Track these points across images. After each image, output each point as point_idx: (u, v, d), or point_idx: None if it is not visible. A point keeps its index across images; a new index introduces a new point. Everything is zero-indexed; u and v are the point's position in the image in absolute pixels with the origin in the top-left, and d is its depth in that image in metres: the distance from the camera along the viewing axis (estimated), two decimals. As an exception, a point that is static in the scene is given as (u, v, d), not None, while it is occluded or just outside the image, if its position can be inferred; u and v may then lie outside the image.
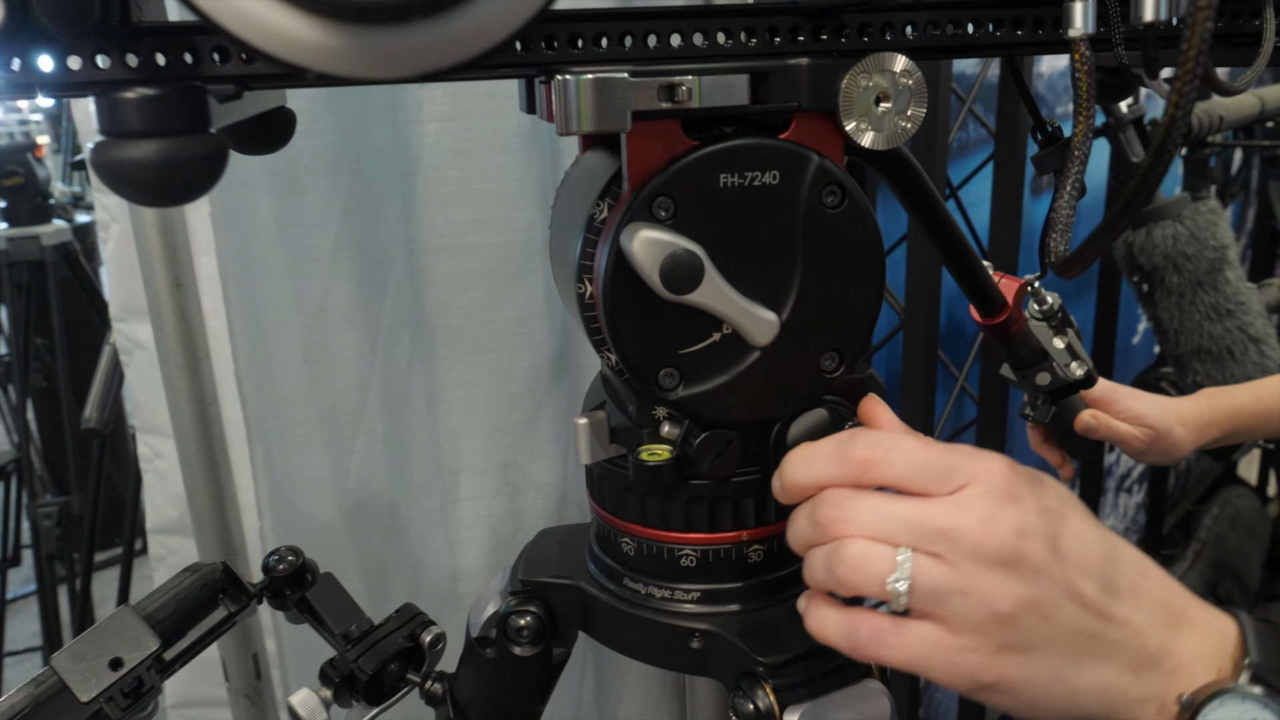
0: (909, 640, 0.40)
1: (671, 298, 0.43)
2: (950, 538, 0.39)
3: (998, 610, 0.39)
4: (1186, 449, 0.96)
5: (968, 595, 0.39)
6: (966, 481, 0.40)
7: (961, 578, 0.39)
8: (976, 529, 0.39)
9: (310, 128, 1.04)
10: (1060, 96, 1.97)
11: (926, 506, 0.40)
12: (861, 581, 0.40)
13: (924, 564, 0.39)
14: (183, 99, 0.34)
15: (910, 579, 0.39)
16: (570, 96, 0.40)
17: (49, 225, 2.20)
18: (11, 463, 2.43)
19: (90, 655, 0.57)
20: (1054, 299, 0.83)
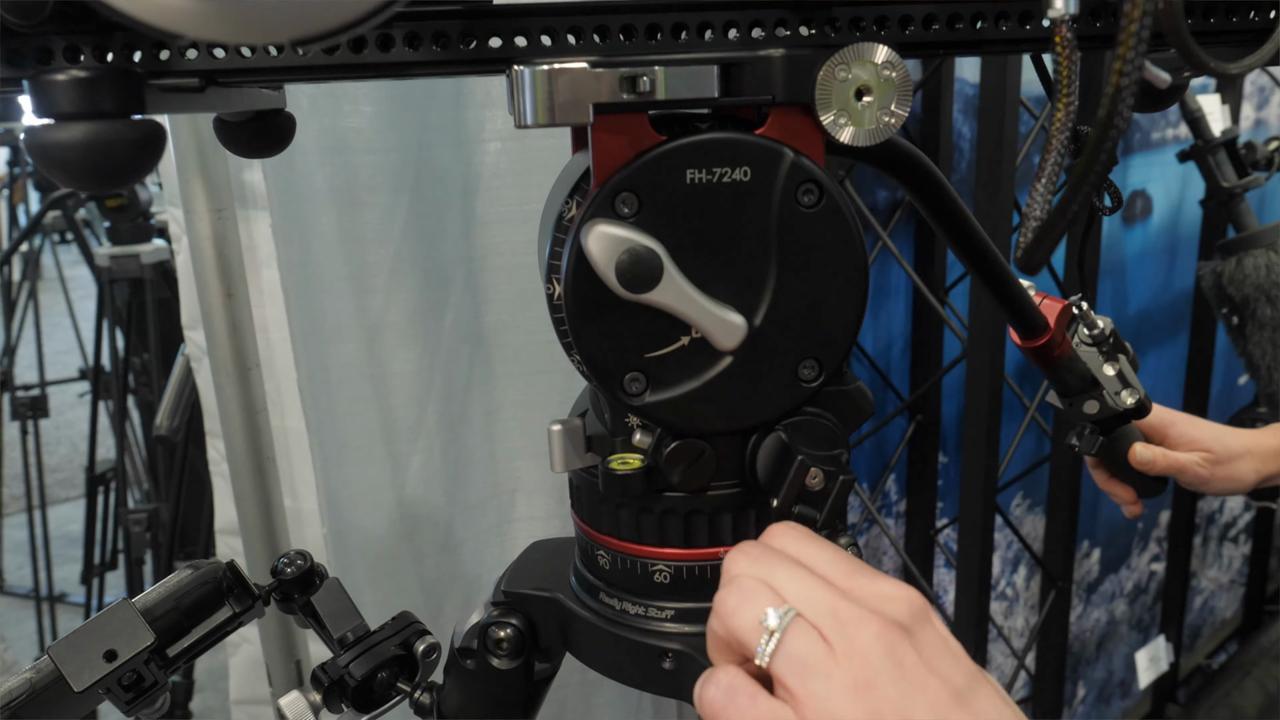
0: (760, 711, 0.36)
1: (630, 297, 0.41)
2: (839, 619, 0.36)
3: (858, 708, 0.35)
4: (1251, 478, 0.90)
5: (831, 681, 0.35)
6: (865, 586, 0.38)
7: (832, 662, 0.36)
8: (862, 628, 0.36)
9: (371, 145, 1.06)
10: (1156, 121, 1.88)
11: (828, 586, 0.38)
12: (736, 607, 0.38)
13: (804, 627, 0.37)
14: (115, 82, 0.34)
15: (785, 626, 0.36)
16: (526, 88, 0.40)
17: (149, 245, 2.30)
18: (111, 470, 2.54)
19: (86, 646, 0.58)
20: (1105, 323, 0.78)
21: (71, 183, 0.33)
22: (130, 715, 0.62)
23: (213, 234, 1.00)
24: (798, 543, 0.40)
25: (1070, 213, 0.30)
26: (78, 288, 3.23)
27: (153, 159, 0.35)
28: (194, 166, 0.99)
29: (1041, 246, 0.32)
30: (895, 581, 0.39)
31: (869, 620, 0.36)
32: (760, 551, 0.40)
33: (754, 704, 0.36)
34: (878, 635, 0.36)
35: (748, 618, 0.37)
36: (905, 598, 0.38)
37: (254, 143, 0.54)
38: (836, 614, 0.37)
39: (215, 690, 2.12)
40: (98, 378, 2.56)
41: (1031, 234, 0.33)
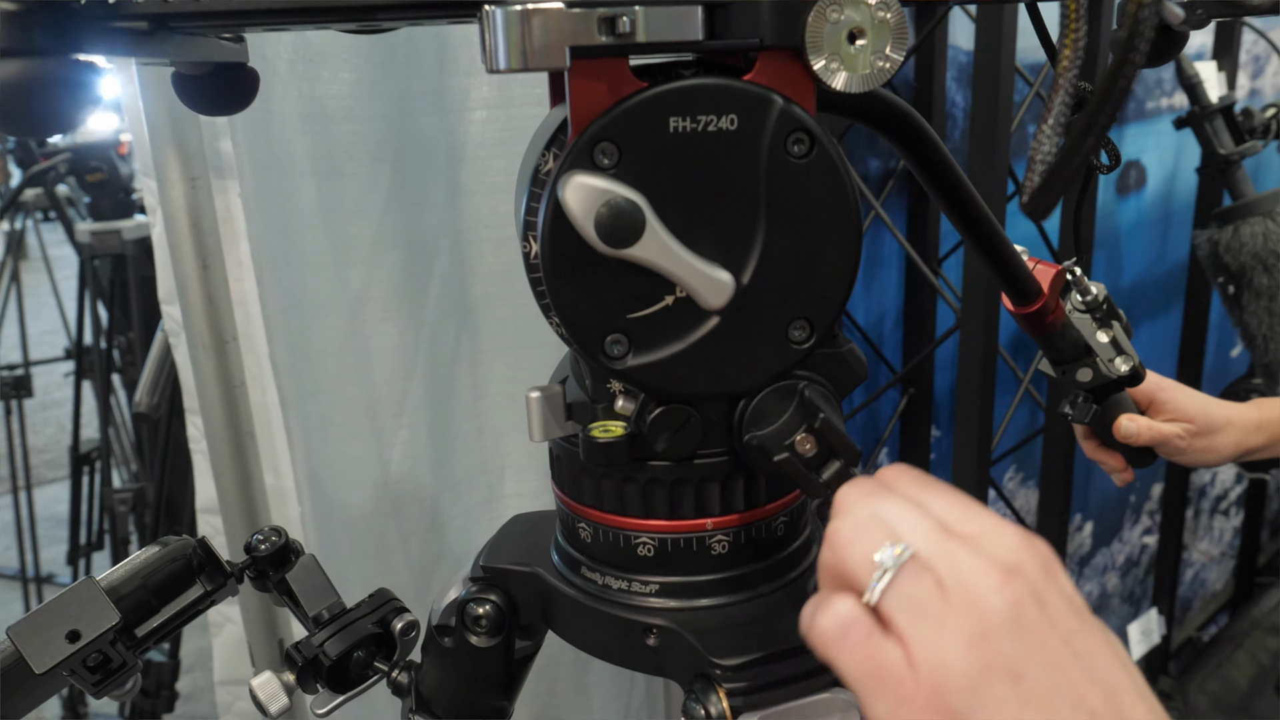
0: (873, 649, 0.34)
1: (610, 253, 0.39)
2: (957, 565, 0.34)
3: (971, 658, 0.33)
4: (1229, 451, 0.89)
5: (943, 630, 0.33)
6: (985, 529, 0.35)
7: (944, 609, 0.33)
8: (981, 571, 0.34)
9: (352, 113, 1.03)
10: (1151, 90, 1.86)
11: (943, 526, 0.36)
12: (849, 539, 0.36)
13: (921, 567, 0.34)
14: (49, 18, 0.32)
15: (900, 564, 0.34)
16: (498, 30, 0.37)
17: (130, 220, 2.26)
18: (97, 449, 2.51)
19: (48, 627, 0.56)
20: (1099, 289, 0.76)
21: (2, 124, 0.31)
22: (98, 697, 0.60)
23: (187, 204, 0.97)
24: (915, 483, 0.38)
25: (1086, 148, 0.27)
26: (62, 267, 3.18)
27: (86, 102, 0.32)
28: (167, 134, 0.96)
29: (1052, 189, 0.29)
30: (1019, 530, 0.36)
31: (990, 570, 0.34)
32: (876, 486, 0.38)
33: (868, 641, 0.34)
34: (998, 586, 0.33)
35: (862, 551, 0.35)
36: (1031, 548, 0.35)
37: (214, 99, 0.51)
38: (955, 559, 0.34)
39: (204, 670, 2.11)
40: (80, 356, 2.52)
41: (1039, 177, 0.30)
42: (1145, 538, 2.32)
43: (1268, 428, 0.91)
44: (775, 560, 0.48)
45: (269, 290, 1.00)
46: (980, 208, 0.60)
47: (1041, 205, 0.31)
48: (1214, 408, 0.90)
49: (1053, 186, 0.30)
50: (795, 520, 0.49)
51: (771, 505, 0.48)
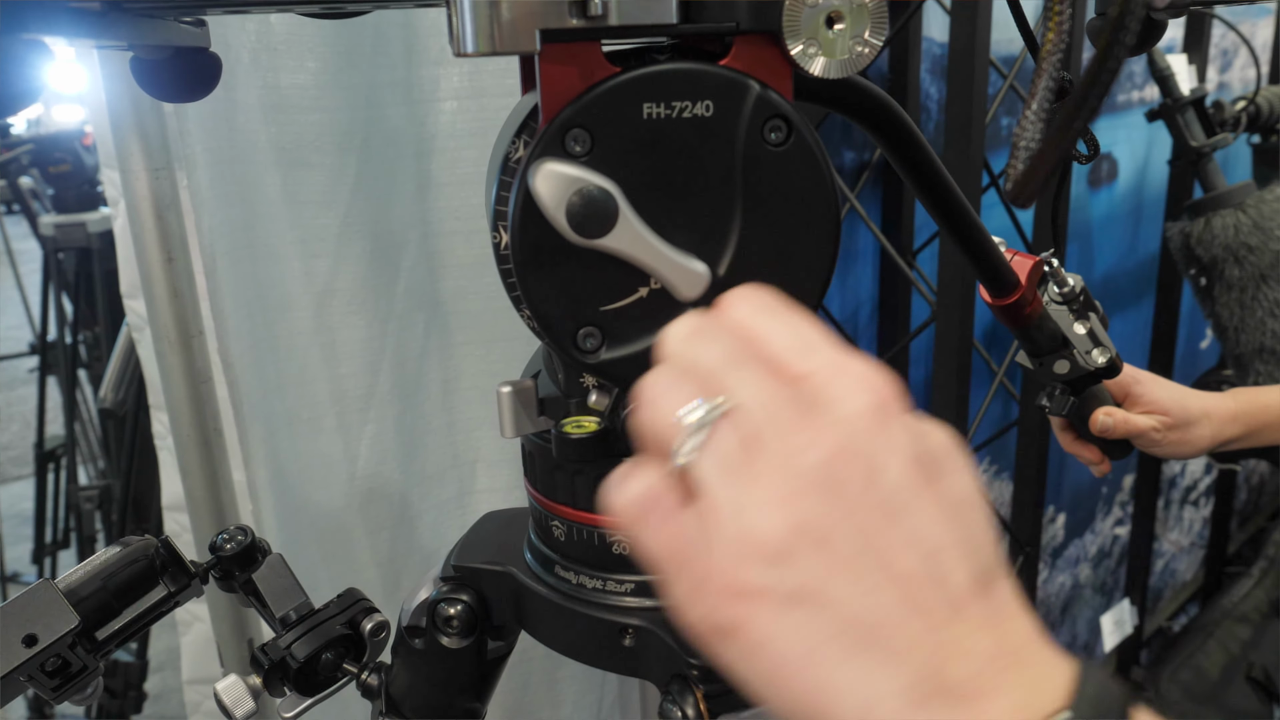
0: (675, 528, 0.30)
1: (582, 243, 0.37)
2: (776, 417, 0.29)
3: (777, 520, 0.28)
4: (1205, 443, 0.89)
5: (752, 489, 0.29)
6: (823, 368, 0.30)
7: (757, 464, 0.29)
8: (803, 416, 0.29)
9: (317, 103, 1.01)
10: (1122, 83, 1.87)
11: (772, 368, 0.31)
12: (655, 399, 0.31)
13: (733, 424, 0.30)
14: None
15: (707, 425, 0.30)
16: (466, 11, 0.36)
17: (96, 212, 2.22)
18: (61, 446, 2.47)
19: (3, 631, 0.54)
20: (1076, 280, 0.76)
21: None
22: (58, 703, 0.58)
23: (151, 196, 0.95)
24: (755, 314, 0.33)
25: (1073, 132, 0.26)
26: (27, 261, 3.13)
27: (33, 82, 0.30)
28: (130, 123, 0.94)
29: (1037, 175, 0.29)
30: (863, 369, 0.31)
31: (809, 420, 0.29)
32: (702, 325, 0.33)
33: (671, 517, 0.30)
34: (813, 440, 0.29)
35: (667, 409, 0.31)
36: (868, 389, 0.30)
37: (174, 85, 0.49)
38: (774, 409, 0.30)
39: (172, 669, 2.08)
40: (45, 351, 2.48)
41: (1022, 164, 0.29)
42: (1117, 528, 2.34)
43: (1244, 418, 0.91)
44: (752, 557, 0.47)
45: (221, 283, 0.98)
46: (958, 199, 0.59)
47: (1025, 192, 0.30)
48: (1190, 400, 0.90)
49: (1037, 173, 0.29)
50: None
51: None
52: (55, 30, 0.35)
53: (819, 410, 0.30)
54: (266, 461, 1.06)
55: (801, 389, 0.30)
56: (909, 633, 0.28)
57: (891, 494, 0.29)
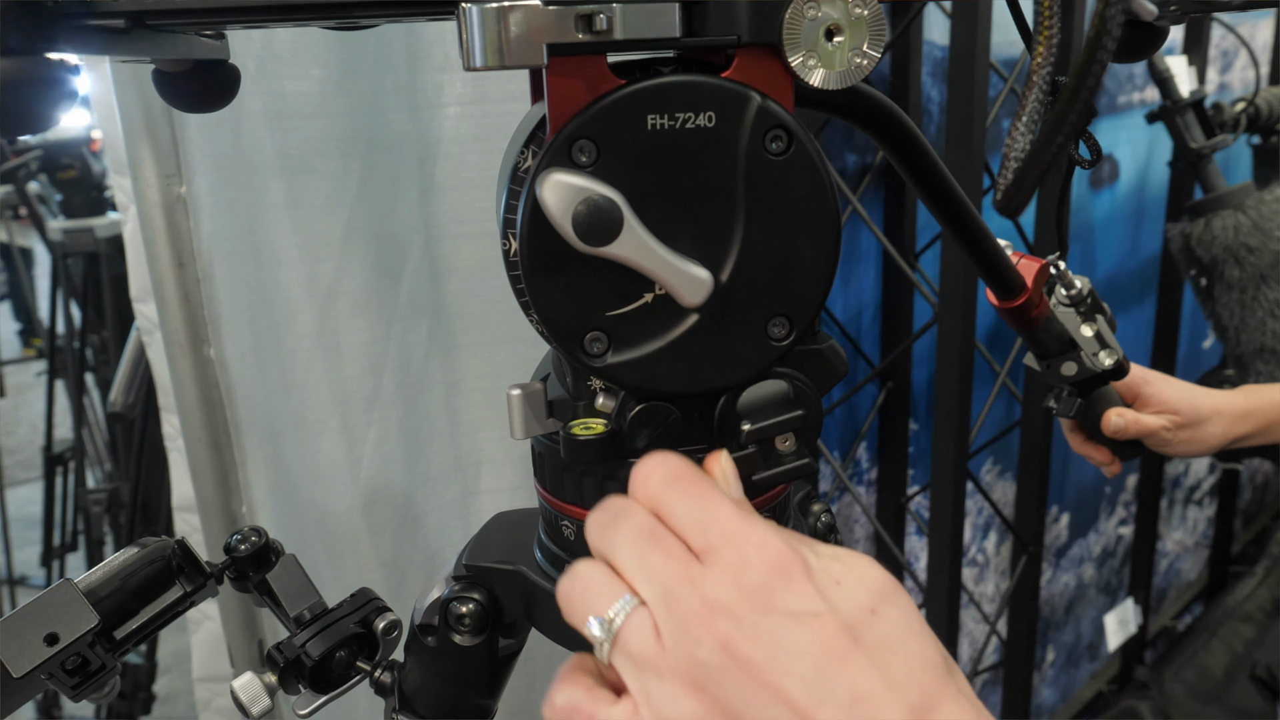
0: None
1: (588, 250, 0.39)
2: (665, 601, 0.33)
3: (685, 711, 0.32)
4: (1216, 441, 0.90)
5: (664, 680, 0.32)
6: (717, 546, 0.34)
7: (659, 660, 0.32)
8: (688, 605, 0.32)
9: (321, 110, 1.03)
10: (1123, 85, 1.88)
11: (668, 551, 0.34)
12: (570, 604, 0.36)
13: (636, 623, 0.33)
14: (22, 15, 0.31)
15: (612, 633, 0.34)
16: (475, 27, 0.37)
17: (104, 218, 2.24)
18: (70, 450, 2.49)
19: (25, 630, 0.55)
20: (1083, 283, 0.77)
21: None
22: (77, 700, 0.59)
23: (162, 201, 0.97)
24: (661, 491, 0.36)
25: (1056, 145, 0.27)
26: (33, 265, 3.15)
27: (63, 101, 0.32)
28: (141, 130, 0.95)
29: (1023, 186, 0.30)
30: (765, 534, 0.33)
31: (702, 607, 0.32)
32: (613, 515, 0.36)
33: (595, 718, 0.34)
34: (706, 628, 0.31)
35: (581, 614, 0.35)
36: (763, 562, 0.32)
37: (194, 96, 0.51)
38: (671, 598, 0.33)
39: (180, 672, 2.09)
40: (53, 355, 2.49)
41: (1012, 174, 0.31)
42: (1121, 528, 2.34)
43: (1255, 416, 0.92)
44: (756, 555, 0.49)
45: (221, 288, 1.00)
46: (963, 202, 0.60)
47: (1014, 202, 0.31)
48: (1200, 398, 0.90)
49: (1024, 183, 0.30)
50: (778, 515, 0.50)
51: (753, 501, 0.48)
52: (81, 48, 0.36)
53: (719, 589, 0.32)
54: (271, 464, 1.07)
55: (695, 576, 0.33)
56: None
57: (792, 659, 0.31)
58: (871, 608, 0.33)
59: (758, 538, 0.34)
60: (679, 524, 0.35)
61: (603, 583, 0.35)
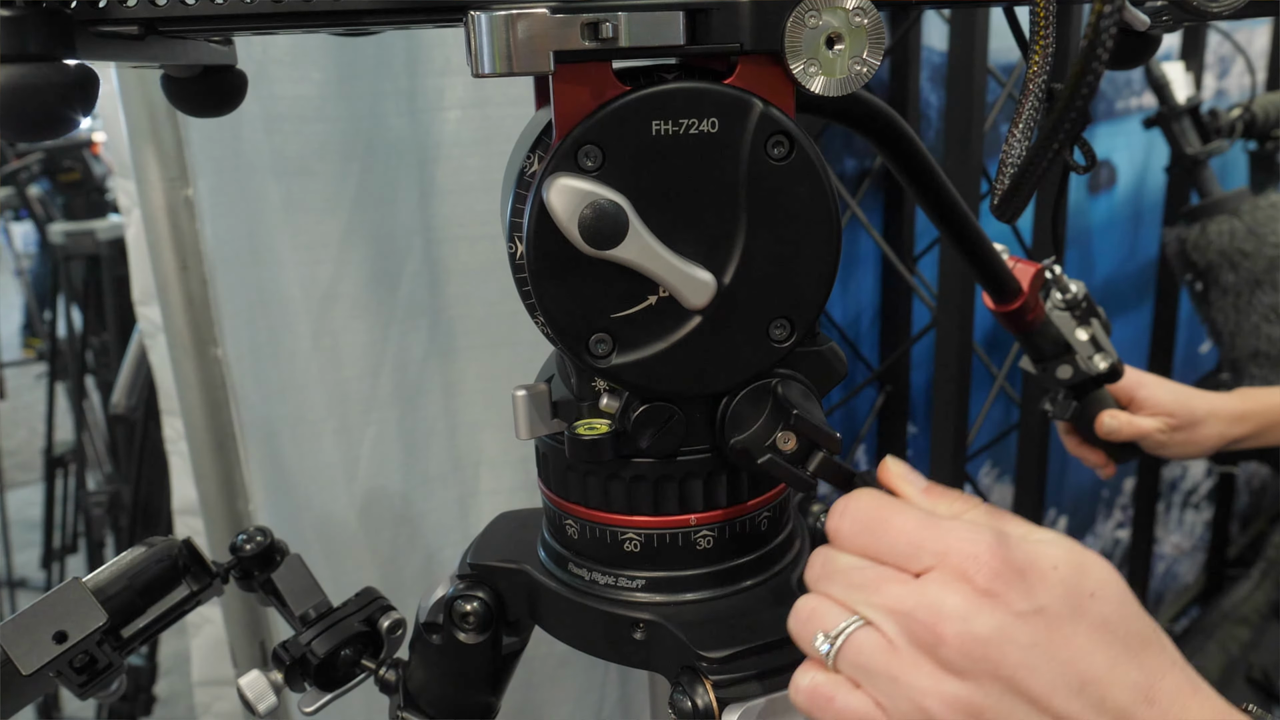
0: (840, 708, 0.37)
1: (594, 253, 0.39)
2: (897, 618, 0.36)
3: (927, 709, 0.35)
4: (1212, 443, 0.90)
5: (898, 684, 0.36)
6: (933, 565, 0.37)
7: (895, 663, 0.36)
8: (922, 616, 0.36)
9: (321, 113, 1.03)
10: (1121, 90, 1.89)
11: (889, 581, 0.37)
12: (796, 632, 0.40)
13: (861, 638, 0.37)
14: (41, 23, 0.32)
15: (837, 647, 0.37)
16: (483, 35, 0.38)
17: (105, 220, 2.25)
18: (70, 452, 2.49)
19: (35, 628, 0.56)
20: (1079, 287, 0.78)
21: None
22: (84, 698, 0.60)
23: (166, 204, 0.97)
24: (859, 535, 0.39)
25: (1051, 152, 0.28)
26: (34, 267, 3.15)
27: (82, 106, 0.32)
28: (146, 134, 0.96)
29: (1020, 192, 0.31)
30: (973, 542, 0.36)
31: (931, 616, 0.35)
32: (823, 561, 0.40)
33: (834, 702, 0.37)
34: (939, 628, 0.35)
35: (808, 636, 0.39)
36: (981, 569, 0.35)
37: (203, 100, 0.51)
38: (902, 614, 0.36)
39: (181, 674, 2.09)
40: (54, 357, 2.50)
41: (1008, 180, 0.31)
42: (1118, 531, 2.35)
43: (1251, 418, 0.92)
44: (759, 555, 0.49)
45: (224, 290, 1.00)
46: (960, 207, 0.61)
47: (1010, 208, 0.32)
48: (1195, 401, 0.91)
49: (1020, 190, 0.31)
50: (778, 515, 0.50)
51: (754, 501, 0.49)
52: (96, 55, 0.36)
53: (947, 598, 0.35)
54: (270, 465, 1.08)
55: (915, 595, 0.36)
56: None
57: (1025, 651, 0.34)
58: (1091, 591, 0.36)
59: (968, 548, 0.36)
60: (889, 560, 0.38)
61: (828, 609, 0.39)
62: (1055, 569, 0.36)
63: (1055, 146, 0.28)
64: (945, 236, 0.63)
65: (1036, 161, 0.29)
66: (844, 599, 0.38)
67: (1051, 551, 0.36)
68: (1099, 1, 0.25)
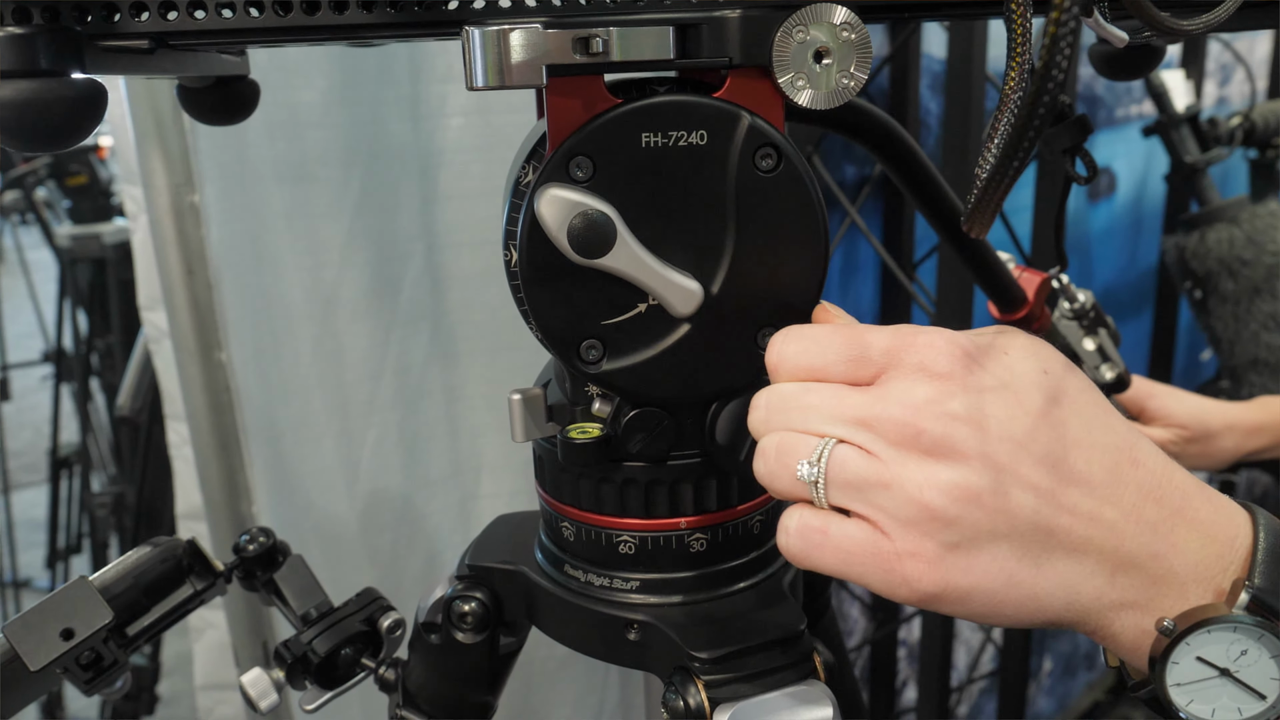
0: (836, 540, 0.36)
1: (583, 262, 0.41)
2: (868, 425, 0.35)
3: (927, 503, 0.34)
4: (1229, 455, 0.89)
5: (891, 488, 0.35)
6: (888, 364, 0.36)
7: (882, 468, 0.35)
8: (895, 413, 0.35)
9: (324, 120, 1.05)
10: (1121, 98, 1.89)
11: (846, 394, 0.36)
12: (773, 473, 0.37)
13: (842, 454, 0.36)
14: (52, 40, 0.33)
15: (823, 469, 0.36)
16: (476, 49, 0.39)
17: (110, 224, 2.26)
18: (75, 453, 2.50)
19: (43, 625, 0.57)
20: (1086, 296, 0.79)
21: (7, 142, 0.32)
22: (90, 695, 0.61)
23: (172, 209, 0.99)
24: (801, 355, 0.38)
25: (1011, 170, 0.29)
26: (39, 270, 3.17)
27: (91, 119, 0.34)
28: (153, 140, 0.97)
29: (983, 206, 0.32)
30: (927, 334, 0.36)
31: (905, 411, 0.35)
32: (769, 399, 0.39)
33: (829, 536, 0.36)
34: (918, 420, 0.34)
35: (786, 478, 0.37)
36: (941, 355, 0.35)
37: (216, 109, 0.53)
38: (870, 422, 0.35)
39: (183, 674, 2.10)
40: (60, 360, 2.51)
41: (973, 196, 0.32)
42: (1119, 537, 2.35)
43: (1270, 429, 0.91)
44: (752, 558, 0.50)
45: (229, 294, 1.02)
46: (961, 215, 0.62)
47: (977, 223, 0.33)
48: (1210, 412, 0.89)
49: (984, 205, 0.32)
50: (770, 518, 0.51)
51: (745, 505, 0.49)
52: (108, 69, 0.38)
53: (914, 390, 0.35)
54: (272, 467, 1.09)
55: (887, 384, 0.36)
56: (1075, 529, 0.34)
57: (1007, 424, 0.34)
58: (1044, 368, 0.36)
59: (923, 339, 0.36)
60: (836, 372, 0.37)
61: (794, 440, 0.37)
62: (1007, 353, 0.36)
63: (1015, 164, 0.29)
64: (948, 245, 0.64)
65: (998, 177, 0.30)
66: (805, 426, 0.37)
67: (999, 339, 0.37)
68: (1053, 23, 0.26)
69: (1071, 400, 0.36)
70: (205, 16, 0.38)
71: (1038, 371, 0.36)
